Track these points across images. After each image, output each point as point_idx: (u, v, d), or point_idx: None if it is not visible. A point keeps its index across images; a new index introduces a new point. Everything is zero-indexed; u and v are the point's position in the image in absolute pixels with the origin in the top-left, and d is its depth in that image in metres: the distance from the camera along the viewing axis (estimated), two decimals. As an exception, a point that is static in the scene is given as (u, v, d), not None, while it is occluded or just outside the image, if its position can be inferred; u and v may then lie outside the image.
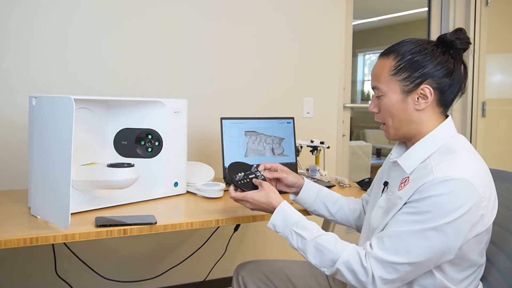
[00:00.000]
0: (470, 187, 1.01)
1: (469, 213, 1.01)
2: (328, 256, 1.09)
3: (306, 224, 1.15)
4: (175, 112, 1.64)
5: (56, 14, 2.00)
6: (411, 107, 1.14)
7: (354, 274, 1.05)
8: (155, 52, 2.21)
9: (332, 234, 1.13)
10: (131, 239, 2.19)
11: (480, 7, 3.17)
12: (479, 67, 3.21)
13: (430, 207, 1.01)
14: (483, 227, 1.05)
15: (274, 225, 1.19)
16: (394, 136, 1.19)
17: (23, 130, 1.90)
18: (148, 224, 1.28)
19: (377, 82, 1.17)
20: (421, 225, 1.01)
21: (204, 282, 2.37)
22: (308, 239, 1.12)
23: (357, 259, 1.06)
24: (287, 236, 1.16)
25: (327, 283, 1.46)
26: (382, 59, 1.18)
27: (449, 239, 1.01)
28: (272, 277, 1.47)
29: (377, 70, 1.18)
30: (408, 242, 1.02)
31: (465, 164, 1.05)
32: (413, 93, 1.13)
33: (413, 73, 1.12)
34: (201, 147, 2.31)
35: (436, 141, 1.13)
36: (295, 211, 1.19)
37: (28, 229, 1.21)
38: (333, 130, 2.72)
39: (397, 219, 1.06)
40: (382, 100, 1.16)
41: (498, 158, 3.38)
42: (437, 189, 1.01)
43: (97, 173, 1.42)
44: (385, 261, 1.03)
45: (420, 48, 1.14)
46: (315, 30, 2.59)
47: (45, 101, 1.29)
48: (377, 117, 1.21)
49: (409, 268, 1.03)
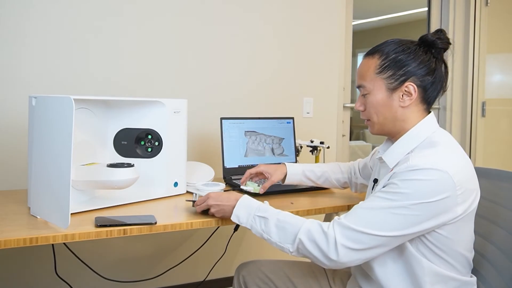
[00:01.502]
0: (445, 177, 1.05)
1: (441, 201, 1.04)
2: (290, 230, 1.13)
3: (267, 208, 1.21)
4: (175, 112, 1.64)
5: (57, 14, 2.00)
6: (396, 104, 1.19)
7: (315, 244, 1.09)
8: (155, 52, 2.21)
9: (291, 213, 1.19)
10: (131, 239, 2.19)
11: (480, 7, 3.17)
12: (479, 67, 3.21)
13: (402, 189, 1.05)
14: (455, 216, 1.08)
15: (238, 216, 1.23)
16: (378, 131, 1.24)
17: (23, 130, 1.90)
18: (148, 224, 1.28)
19: (362, 81, 1.22)
20: (391, 202, 1.06)
21: (204, 282, 2.37)
22: (269, 218, 1.17)
23: (318, 228, 1.10)
24: (251, 223, 1.20)
25: (327, 283, 1.46)
26: (367, 58, 1.23)
27: (416, 219, 1.05)
28: (272, 277, 1.47)
29: (362, 69, 1.22)
30: (376, 216, 1.07)
31: (444, 156, 1.09)
32: (398, 90, 1.18)
33: (397, 71, 1.17)
34: (201, 147, 2.31)
35: (418, 136, 1.17)
36: (255, 200, 1.25)
37: (28, 229, 1.21)
38: (333, 130, 2.72)
39: (369, 197, 1.12)
40: (368, 98, 1.21)
41: (498, 158, 3.38)
42: (411, 175, 1.06)
43: (97, 173, 1.42)
44: (349, 227, 1.07)
45: (404, 47, 1.19)
46: (315, 30, 2.59)
47: (45, 101, 1.29)
48: (362, 115, 1.26)
49: (374, 242, 1.06)
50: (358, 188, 1.63)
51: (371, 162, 1.54)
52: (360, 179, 1.59)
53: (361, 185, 1.62)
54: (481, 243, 1.31)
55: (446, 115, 3.21)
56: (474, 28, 3.17)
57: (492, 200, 1.32)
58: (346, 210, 1.65)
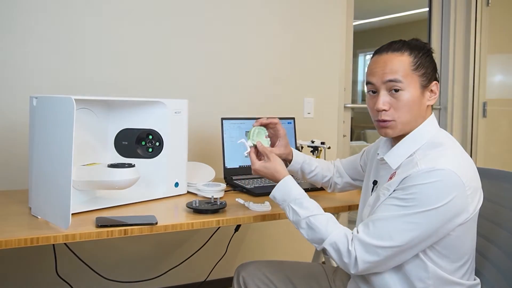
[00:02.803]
0: (454, 177, 1.05)
1: (453, 201, 1.05)
2: (318, 235, 1.17)
3: (303, 201, 1.23)
4: (175, 113, 1.64)
5: (57, 14, 2.00)
6: (425, 102, 1.19)
7: (339, 255, 1.13)
8: (156, 52, 2.21)
9: (327, 215, 1.20)
10: (132, 239, 2.18)
11: (481, 7, 3.17)
12: (480, 67, 3.21)
13: (415, 195, 1.06)
14: (468, 216, 1.09)
15: (275, 197, 1.29)
16: (400, 132, 1.20)
17: (23, 130, 1.89)
18: (148, 224, 1.27)
19: (396, 75, 1.16)
20: (404, 210, 1.06)
21: (204, 282, 2.37)
22: (302, 216, 1.20)
23: (344, 241, 1.12)
24: (285, 209, 1.26)
25: (328, 284, 1.46)
26: (395, 54, 1.18)
27: (431, 225, 1.06)
28: (272, 278, 1.47)
29: (394, 65, 1.17)
30: (391, 227, 1.07)
31: (450, 156, 1.10)
32: (427, 88, 1.19)
33: (427, 69, 1.18)
34: (201, 147, 2.31)
35: (421, 137, 1.18)
36: (296, 187, 1.27)
37: (28, 230, 1.21)
38: (334, 131, 2.72)
39: (383, 205, 1.12)
40: (402, 95, 1.16)
41: (498, 158, 3.38)
42: (422, 179, 1.06)
43: (98, 174, 1.42)
44: (368, 244, 1.09)
45: (427, 47, 1.21)
46: (316, 31, 2.59)
47: (46, 101, 1.29)
48: (385, 115, 1.18)
49: (391, 252, 1.08)
50: (336, 188, 1.59)
51: (362, 162, 1.51)
52: (345, 178, 1.56)
53: (344, 184, 1.57)
54: (483, 245, 1.31)
55: (447, 116, 3.21)
56: (475, 29, 3.16)
57: (494, 201, 1.31)
58: (346, 211, 1.65)
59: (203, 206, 1.41)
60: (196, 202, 1.43)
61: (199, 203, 1.43)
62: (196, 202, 1.44)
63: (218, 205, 1.43)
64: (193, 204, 1.43)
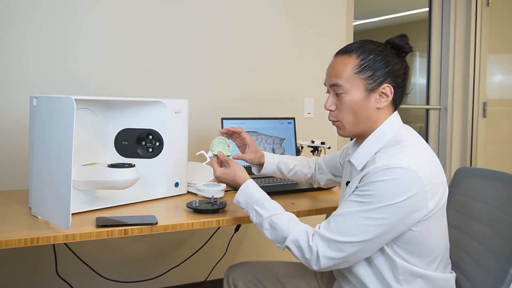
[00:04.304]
0: (411, 174, 1.06)
1: (411, 198, 1.06)
2: (280, 234, 1.18)
3: (265, 203, 1.25)
4: (176, 112, 1.64)
5: (57, 14, 2.00)
6: (372, 105, 1.19)
7: (301, 251, 1.14)
8: (156, 52, 2.21)
9: (288, 214, 1.22)
10: (132, 239, 2.18)
11: (481, 7, 3.17)
12: (480, 67, 3.21)
13: (372, 191, 1.07)
14: (427, 212, 1.09)
15: (239, 201, 1.30)
16: (349, 133, 1.24)
17: (23, 130, 1.89)
18: (148, 224, 1.28)
19: (338, 79, 1.20)
20: (362, 206, 1.08)
21: (204, 282, 2.37)
22: (264, 217, 1.22)
23: (305, 237, 1.14)
24: (249, 212, 1.27)
25: (317, 283, 1.47)
26: (342, 57, 1.22)
27: (389, 220, 1.07)
28: (262, 278, 1.49)
29: (338, 68, 1.22)
30: (352, 223, 1.09)
31: (408, 152, 1.11)
32: (375, 91, 1.18)
33: (376, 72, 1.17)
34: (201, 148, 2.30)
35: (383, 136, 1.18)
36: (258, 190, 1.29)
37: (28, 229, 1.21)
38: (334, 131, 2.67)
39: (344, 201, 1.14)
40: (344, 98, 1.20)
41: (499, 158, 3.37)
42: (379, 176, 1.07)
43: (98, 174, 1.42)
44: (329, 239, 1.10)
45: (381, 48, 1.20)
46: (316, 31, 2.59)
47: (46, 101, 1.29)
48: (332, 115, 1.25)
49: (353, 248, 1.09)
50: (320, 184, 1.61)
51: (341, 159, 1.52)
52: (327, 175, 1.57)
53: (326, 181, 1.59)
54: (459, 238, 1.34)
55: (447, 116, 3.20)
56: (475, 28, 3.16)
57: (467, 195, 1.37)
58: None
59: (203, 206, 1.41)
60: (196, 202, 1.43)
61: (199, 203, 1.43)
62: (196, 202, 1.44)
63: (218, 205, 1.43)
64: (193, 204, 1.43)
